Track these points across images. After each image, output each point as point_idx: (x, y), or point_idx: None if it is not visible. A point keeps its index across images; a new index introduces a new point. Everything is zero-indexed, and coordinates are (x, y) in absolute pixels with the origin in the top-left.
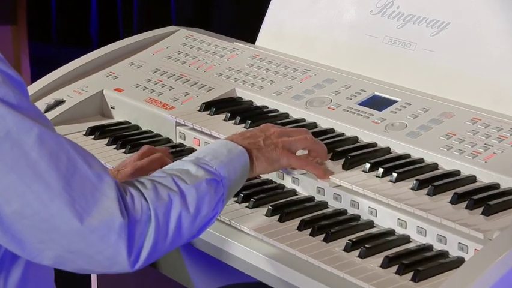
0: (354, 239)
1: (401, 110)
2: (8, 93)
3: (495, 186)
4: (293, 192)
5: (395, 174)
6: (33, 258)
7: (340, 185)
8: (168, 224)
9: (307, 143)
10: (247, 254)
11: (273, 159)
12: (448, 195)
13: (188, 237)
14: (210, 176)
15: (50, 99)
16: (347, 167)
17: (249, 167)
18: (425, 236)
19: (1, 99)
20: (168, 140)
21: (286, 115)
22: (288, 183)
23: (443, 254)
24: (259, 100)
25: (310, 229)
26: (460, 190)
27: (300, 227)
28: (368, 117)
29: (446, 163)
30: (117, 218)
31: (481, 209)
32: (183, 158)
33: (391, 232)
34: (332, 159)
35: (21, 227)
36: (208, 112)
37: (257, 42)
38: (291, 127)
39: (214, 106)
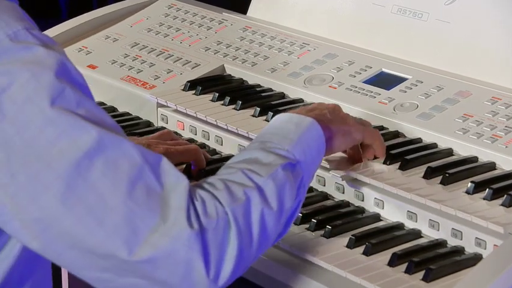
0: (358, 234)
1: (411, 88)
2: (66, 90)
3: None
4: None
5: (404, 161)
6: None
7: (342, 173)
8: (251, 227)
9: (377, 132)
10: None
11: (345, 131)
12: (463, 185)
13: (276, 237)
14: (284, 161)
15: None
16: None
17: (324, 141)
18: (438, 230)
19: (55, 97)
20: (148, 124)
21: (281, 95)
22: None
23: (458, 251)
24: (251, 78)
25: (309, 223)
26: (477, 178)
27: (297, 221)
28: (375, 97)
29: (462, 148)
30: (185, 230)
31: (501, 200)
32: (248, 145)
33: (400, 226)
34: None
35: (75, 252)
36: (193, 92)
37: (249, 13)
38: (289, 108)
39: (201, 85)
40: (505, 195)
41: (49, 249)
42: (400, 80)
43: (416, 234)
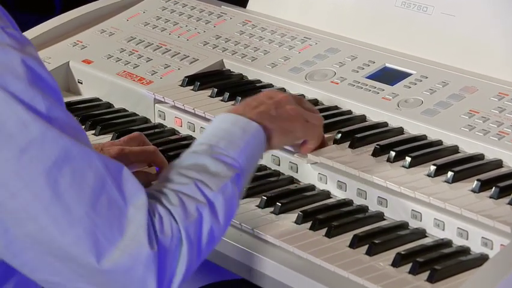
0: (361, 234)
1: (415, 84)
2: (37, 97)
3: None
4: (290, 179)
5: (408, 159)
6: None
7: (345, 171)
8: (200, 242)
9: (320, 121)
10: (235, 250)
11: (288, 129)
12: (469, 183)
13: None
14: (232, 172)
15: None
16: (352, 150)
17: (265, 144)
18: (443, 229)
19: (28, 104)
20: (145, 120)
21: (282, 90)
22: (284, 169)
23: (464, 251)
24: (251, 73)
25: (311, 222)
26: (483, 176)
27: (299, 220)
28: (378, 93)
29: (468, 145)
30: (144, 248)
31: (508, 198)
32: (193, 147)
33: (404, 225)
34: (336, 141)
35: (34, 253)
36: (191, 87)
37: (248, 6)
38: None
39: (199, 80)
40: None
41: (7, 249)
42: (404, 75)
43: (421, 233)
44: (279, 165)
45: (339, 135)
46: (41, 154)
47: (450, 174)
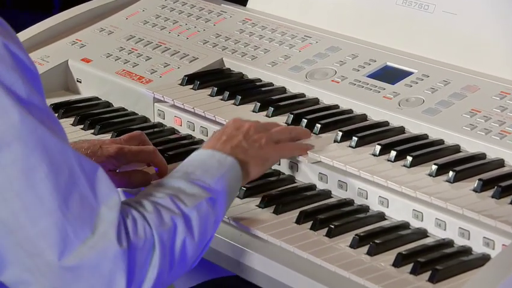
0: (362, 234)
1: (417, 83)
2: (17, 83)
3: None
4: (291, 179)
5: (409, 158)
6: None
7: (346, 171)
8: (173, 253)
9: (288, 133)
10: (237, 251)
11: (262, 158)
12: (471, 182)
13: (192, 265)
14: (207, 195)
15: None
16: (353, 149)
17: (241, 177)
18: (445, 229)
19: (8, 88)
20: (145, 119)
21: (283, 89)
22: (285, 169)
23: (466, 251)
24: (251, 72)
25: (311, 222)
26: (485, 176)
27: (299, 220)
28: (379, 92)
29: (470, 145)
30: (112, 245)
31: (509, 198)
32: (170, 174)
33: (405, 225)
34: (337, 140)
35: (6, 242)
36: (191, 86)
37: (249, 4)
38: (290, 103)
39: (199, 79)
40: None
41: None
42: (405, 74)
43: (422, 233)
44: (279, 165)
45: (340, 134)
46: (18, 141)
47: (451, 173)
